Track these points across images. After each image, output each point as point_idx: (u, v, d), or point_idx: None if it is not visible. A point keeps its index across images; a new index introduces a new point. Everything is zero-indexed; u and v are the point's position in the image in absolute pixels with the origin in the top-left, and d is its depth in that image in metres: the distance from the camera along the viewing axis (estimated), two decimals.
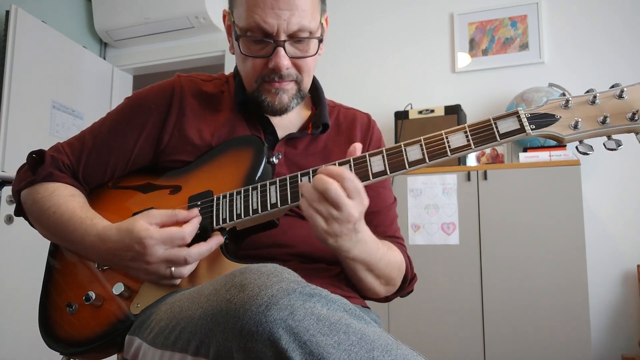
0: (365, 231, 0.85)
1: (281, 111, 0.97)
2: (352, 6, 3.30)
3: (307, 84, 0.99)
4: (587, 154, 0.76)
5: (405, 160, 0.80)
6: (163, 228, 0.83)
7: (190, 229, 0.84)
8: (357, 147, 0.84)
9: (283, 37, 0.89)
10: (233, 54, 1.02)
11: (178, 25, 3.44)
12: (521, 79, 2.84)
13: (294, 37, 0.90)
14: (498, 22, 2.97)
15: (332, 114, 1.09)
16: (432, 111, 2.69)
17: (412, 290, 1.06)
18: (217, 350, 0.59)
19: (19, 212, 1.02)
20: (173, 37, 3.58)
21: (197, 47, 3.58)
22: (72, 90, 3.25)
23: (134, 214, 0.95)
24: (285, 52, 0.90)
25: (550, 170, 2.32)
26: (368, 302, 1.06)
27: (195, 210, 0.88)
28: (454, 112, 2.65)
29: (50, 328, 0.94)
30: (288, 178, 0.85)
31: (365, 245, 0.86)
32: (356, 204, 0.77)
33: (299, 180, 0.84)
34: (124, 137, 0.99)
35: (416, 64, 3.11)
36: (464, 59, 3.02)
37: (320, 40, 0.95)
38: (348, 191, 0.76)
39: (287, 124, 1.04)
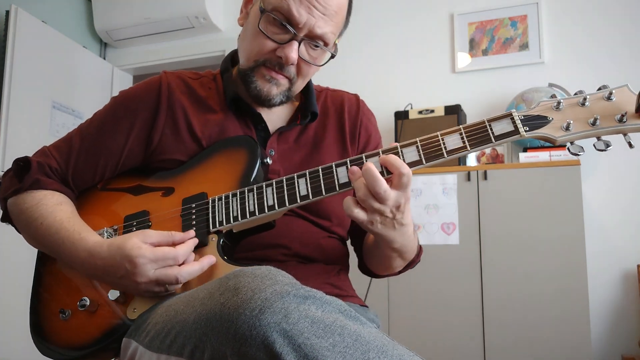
0: (409, 223, 0.85)
1: (265, 101, 0.95)
2: (352, 6, 3.29)
3: (298, 88, 0.98)
4: (578, 154, 0.77)
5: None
6: (156, 247, 0.81)
7: (184, 250, 0.82)
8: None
9: (304, 33, 0.89)
10: (241, 25, 1.00)
11: (178, 25, 3.44)
12: (521, 79, 2.83)
13: (311, 40, 0.90)
14: (498, 22, 2.97)
15: (320, 99, 1.08)
16: (432, 111, 2.69)
17: (419, 261, 1.03)
18: (211, 355, 0.59)
19: (6, 218, 1.00)
20: (173, 37, 3.58)
21: (197, 47, 3.58)
22: (72, 90, 3.25)
23: (126, 217, 0.94)
24: (298, 49, 0.90)
25: (550, 170, 2.31)
26: (367, 300, 1.06)
27: (192, 232, 0.86)
28: (454, 112, 2.64)
29: (43, 334, 0.92)
30: (285, 180, 0.85)
31: (406, 233, 0.85)
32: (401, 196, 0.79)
33: (296, 182, 0.84)
34: (112, 137, 0.97)
35: (416, 64, 3.11)
36: (464, 59, 3.01)
37: (332, 56, 0.95)
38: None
39: (277, 117, 1.03)
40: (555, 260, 2.24)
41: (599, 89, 0.78)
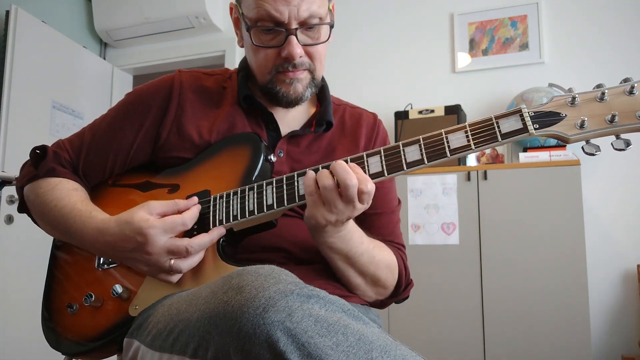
0: (348, 223, 0.84)
1: (296, 101, 0.96)
2: (352, 6, 3.30)
3: (320, 72, 0.98)
4: (594, 154, 0.71)
5: (404, 161, 0.78)
6: (163, 217, 0.82)
7: (190, 215, 0.83)
8: None
9: (294, 25, 0.88)
10: (242, 47, 1.00)
11: (178, 25, 3.43)
12: (521, 79, 2.84)
13: (305, 25, 0.89)
14: (498, 22, 2.97)
15: (338, 113, 1.08)
16: (432, 111, 2.69)
17: (407, 297, 1.04)
18: (215, 353, 0.59)
19: (22, 208, 1.02)
20: (173, 37, 3.58)
21: (197, 47, 3.57)
22: (72, 90, 3.25)
23: None
24: (298, 40, 0.89)
25: (550, 170, 2.32)
26: None
27: (195, 199, 0.87)
28: (454, 112, 2.65)
29: (53, 328, 0.94)
30: (285, 179, 0.84)
31: (346, 235, 0.85)
32: (363, 208, 0.79)
33: (295, 180, 0.83)
34: (122, 133, 0.99)
35: (416, 64, 3.11)
36: (464, 59, 3.02)
37: (331, 26, 0.94)
38: (362, 195, 0.77)
39: (291, 120, 1.03)
40: (555, 260, 2.24)
41: (622, 82, 0.71)
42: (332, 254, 0.88)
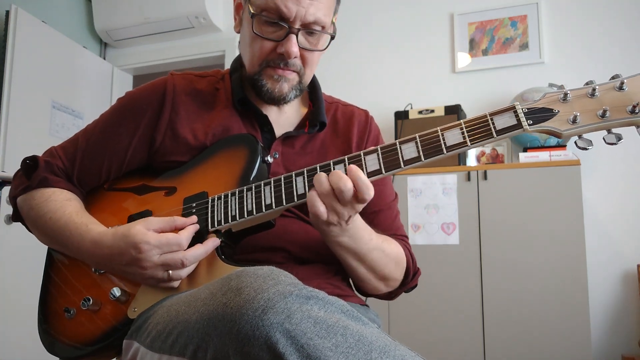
0: (356, 220, 0.85)
1: (279, 99, 0.96)
2: (352, 6, 3.29)
3: (308, 78, 0.98)
4: (587, 148, 0.73)
5: (401, 158, 0.79)
6: (160, 233, 0.82)
7: (186, 235, 0.83)
8: None
9: (298, 24, 0.89)
10: (238, 32, 1.00)
11: (178, 25, 3.44)
12: (521, 79, 2.84)
13: (308, 28, 0.90)
14: (498, 22, 2.97)
15: (330, 111, 1.08)
16: (432, 111, 2.69)
17: (416, 285, 1.05)
18: (214, 354, 0.59)
19: (17, 217, 1.02)
20: (173, 37, 3.58)
21: (197, 47, 3.57)
22: (72, 90, 3.25)
23: (130, 216, 0.94)
24: (297, 40, 0.90)
25: (550, 170, 2.32)
26: (369, 300, 1.05)
27: (194, 217, 0.87)
28: (454, 112, 2.65)
29: (50, 332, 0.94)
30: (282, 178, 0.84)
31: (355, 234, 0.86)
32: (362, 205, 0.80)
33: (294, 180, 0.83)
34: (117, 138, 0.98)
35: (416, 64, 3.11)
36: (464, 59, 3.02)
37: (332, 37, 0.95)
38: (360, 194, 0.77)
39: (284, 121, 1.03)
40: (555, 260, 2.24)
41: (612, 78, 0.73)
42: (342, 252, 0.88)
